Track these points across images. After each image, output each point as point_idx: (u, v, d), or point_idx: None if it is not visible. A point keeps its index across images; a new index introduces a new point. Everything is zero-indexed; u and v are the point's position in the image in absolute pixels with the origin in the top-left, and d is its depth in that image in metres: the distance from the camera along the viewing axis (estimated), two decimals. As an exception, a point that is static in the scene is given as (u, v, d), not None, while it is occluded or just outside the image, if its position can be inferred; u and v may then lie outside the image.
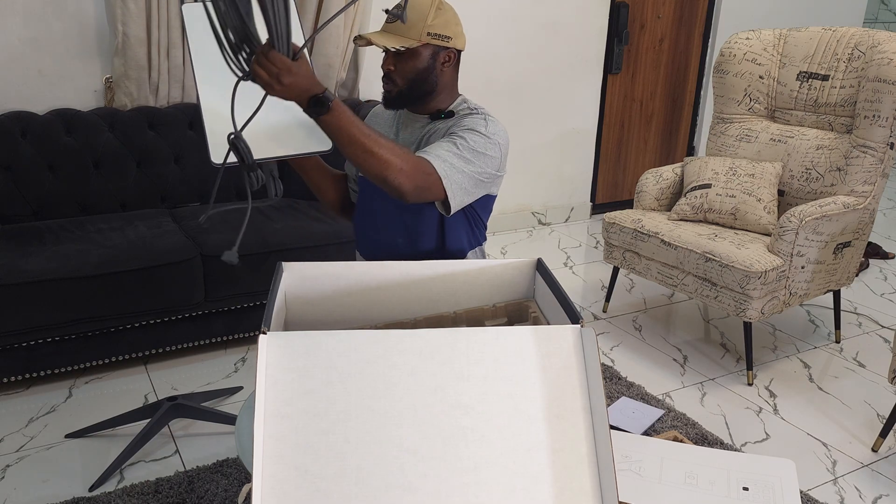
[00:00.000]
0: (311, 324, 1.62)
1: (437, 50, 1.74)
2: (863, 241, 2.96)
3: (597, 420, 1.20)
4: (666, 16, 4.61)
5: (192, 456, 2.26)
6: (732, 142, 3.23)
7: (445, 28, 1.73)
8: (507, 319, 1.67)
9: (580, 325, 1.28)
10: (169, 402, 2.33)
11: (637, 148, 4.86)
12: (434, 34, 1.72)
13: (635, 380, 2.80)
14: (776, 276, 2.66)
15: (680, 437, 2.21)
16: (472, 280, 1.63)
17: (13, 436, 2.35)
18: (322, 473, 1.13)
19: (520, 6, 4.06)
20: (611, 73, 4.53)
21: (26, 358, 2.52)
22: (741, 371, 2.89)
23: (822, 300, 3.58)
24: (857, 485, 2.25)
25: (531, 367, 1.23)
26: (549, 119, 4.41)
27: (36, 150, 2.88)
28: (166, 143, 3.11)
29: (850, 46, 2.94)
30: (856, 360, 3.00)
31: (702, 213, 3.02)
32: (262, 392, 1.17)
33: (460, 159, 1.68)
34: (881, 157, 2.81)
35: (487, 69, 4.08)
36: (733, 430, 2.50)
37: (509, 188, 4.41)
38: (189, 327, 2.75)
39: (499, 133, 1.75)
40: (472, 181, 1.72)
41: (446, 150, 1.68)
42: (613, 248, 3.16)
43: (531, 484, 1.16)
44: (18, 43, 2.96)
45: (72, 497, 2.07)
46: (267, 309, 1.31)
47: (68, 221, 2.84)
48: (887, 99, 2.75)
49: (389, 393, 1.19)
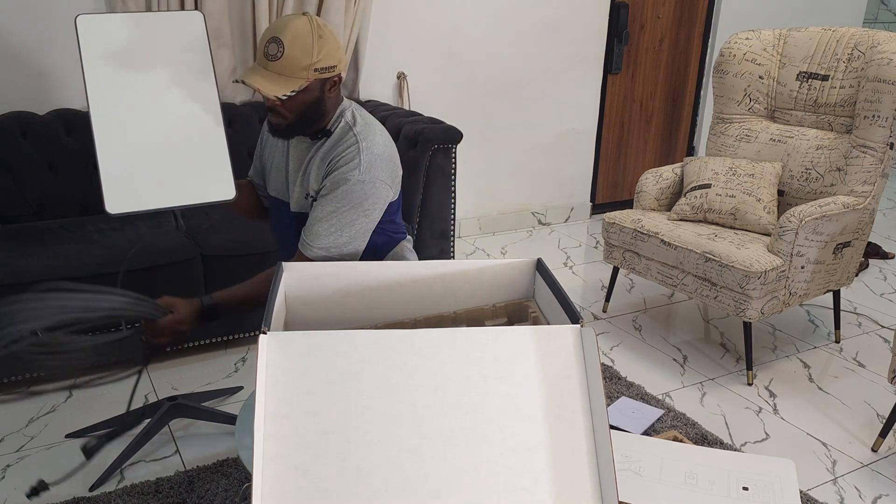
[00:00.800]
0: (311, 324, 1.62)
1: (324, 81, 1.71)
2: (862, 241, 2.96)
3: (597, 420, 1.20)
4: (666, 16, 4.61)
5: (192, 456, 2.26)
6: (732, 142, 3.23)
7: (330, 58, 1.69)
8: (507, 319, 1.67)
9: (580, 325, 1.28)
10: (169, 402, 2.33)
11: (637, 148, 4.86)
12: (321, 69, 1.67)
13: (635, 380, 2.80)
14: (776, 276, 2.66)
15: (680, 437, 2.21)
16: (472, 280, 1.63)
17: (13, 436, 2.35)
18: (322, 473, 1.13)
19: (520, 6, 4.06)
20: (611, 73, 4.54)
21: (27, 358, 2.52)
22: (741, 371, 2.89)
23: (822, 300, 3.58)
24: (857, 485, 2.25)
25: (531, 367, 1.24)
26: (549, 119, 4.41)
27: (36, 150, 2.88)
28: (166, 143, 3.11)
29: (850, 46, 2.94)
30: (856, 360, 3.01)
31: (702, 213, 3.02)
32: (262, 392, 1.17)
33: (344, 230, 1.73)
34: (881, 157, 2.81)
35: (487, 69, 4.08)
36: (733, 430, 2.50)
37: (509, 188, 4.41)
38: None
39: (375, 163, 1.73)
40: (366, 225, 1.77)
41: (326, 233, 1.73)
42: (613, 248, 3.16)
43: (531, 484, 1.16)
44: (18, 43, 2.96)
45: (72, 497, 2.07)
46: (267, 309, 1.31)
47: (68, 221, 2.84)
48: (887, 99, 2.75)
49: (389, 393, 1.19)
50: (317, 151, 1.79)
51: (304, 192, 1.81)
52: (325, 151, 1.77)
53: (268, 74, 1.65)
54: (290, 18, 1.66)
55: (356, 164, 1.72)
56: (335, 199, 1.72)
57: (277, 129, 1.75)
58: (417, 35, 3.82)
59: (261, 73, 1.65)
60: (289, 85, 1.65)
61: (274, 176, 1.91)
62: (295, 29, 1.63)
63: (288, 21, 1.65)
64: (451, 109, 4.05)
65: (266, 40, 1.64)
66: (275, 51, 1.62)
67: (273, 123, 1.75)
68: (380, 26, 3.70)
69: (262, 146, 1.98)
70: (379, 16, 3.68)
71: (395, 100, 3.86)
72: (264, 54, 1.65)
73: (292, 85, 1.65)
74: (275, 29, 1.64)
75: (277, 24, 1.65)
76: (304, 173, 1.80)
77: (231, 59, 3.27)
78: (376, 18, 3.67)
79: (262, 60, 1.66)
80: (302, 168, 1.81)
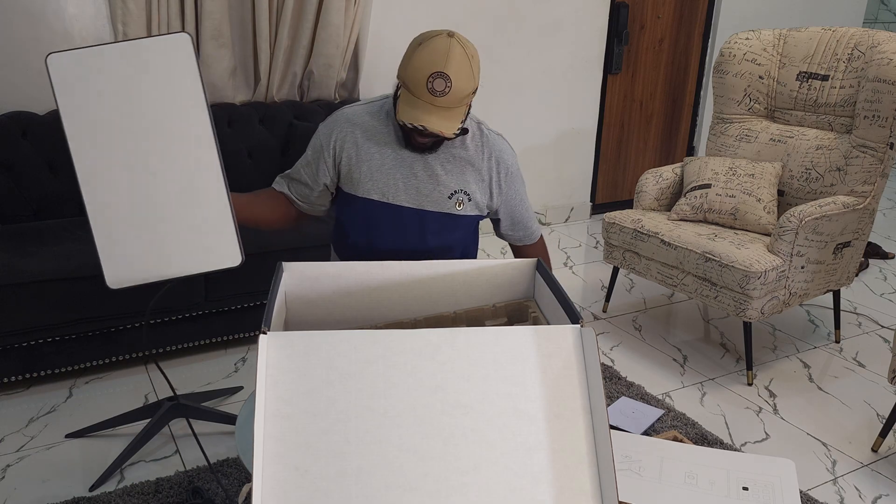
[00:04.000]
0: (311, 324, 1.62)
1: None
2: (862, 241, 2.96)
3: (597, 420, 1.20)
4: (666, 16, 4.61)
5: (192, 456, 2.26)
6: (732, 142, 3.23)
7: (478, 79, 1.71)
8: (507, 319, 1.67)
9: (580, 325, 1.28)
10: (169, 401, 2.33)
11: (637, 148, 4.86)
12: (473, 91, 1.69)
13: (635, 380, 2.80)
14: (776, 276, 2.66)
15: (680, 437, 2.21)
16: (472, 280, 1.63)
17: (13, 436, 2.35)
18: (322, 473, 1.13)
19: (520, 6, 4.06)
20: (611, 73, 4.54)
21: (26, 358, 2.52)
22: (741, 371, 2.89)
23: (822, 300, 3.58)
24: (857, 485, 2.25)
25: (531, 367, 1.24)
26: (549, 119, 4.41)
27: (36, 150, 2.88)
28: (166, 143, 3.11)
29: (850, 46, 2.94)
30: (856, 360, 3.01)
31: (702, 213, 3.02)
32: (262, 392, 1.17)
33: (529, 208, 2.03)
34: (881, 157, 2.81)
35: (487, 69, 4.08)
36: (733, 430, 2.50)
37: (509, 188, 4.41)
38: (189, 327, 2.75)
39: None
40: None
41: (532, 215, 2.05)
42: (613, 248, 3.16)
43: (531, 484, 1.16)
44: (18, 43, 2.96)
45: (72, 497, 2.07)
46: (267, 309, 1.31)
47: (68, 221, 2.84)
48: (887, 99, 2.75)
49: (389, 393, 1.19)
50: (460, 151, 1.85)
51: (450, 190, 1.85)
52: (473, 151, 1.86)
53: (439, 112, 1.64)
54: (445, 46, 1.63)
55: (512, 153, 1.92)
56: (518, 184, 1.94)
57: (424, 147, 1.79)
58: (417, 35, 3.82)
59: (432, 112, 1.64)
60: (458, 116, 1.67)
61: (384, 182, 1.84)
62: (456, 61, 1.62)
63: (446, 51, 1.62)
64: (451, 109, 4.04)
65: (428, 75, 1.61)
66: (442, 87, 1.61)
67: (421, 143, 1.77)
68: (380, 26, 3.70)
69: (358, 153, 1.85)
70: (379, 16, 3.68)
71: (395, 100, 3.86)
72: (430, 90, 1.62)
73: (461, 115, 1.68)
74: (436, 62, 1.61)
75: (436, 55, 1.62)
76: (451, 174, 1.85)
77: (231, 59, 3.27)
78: (376, 18, 3.67)
79: (427, 97, 1.63)
80: (445, 170, 1.84)
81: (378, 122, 1.85)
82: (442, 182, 1.84)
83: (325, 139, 1.87)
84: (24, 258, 2.46)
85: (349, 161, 1.85)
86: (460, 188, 1.85)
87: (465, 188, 1.86)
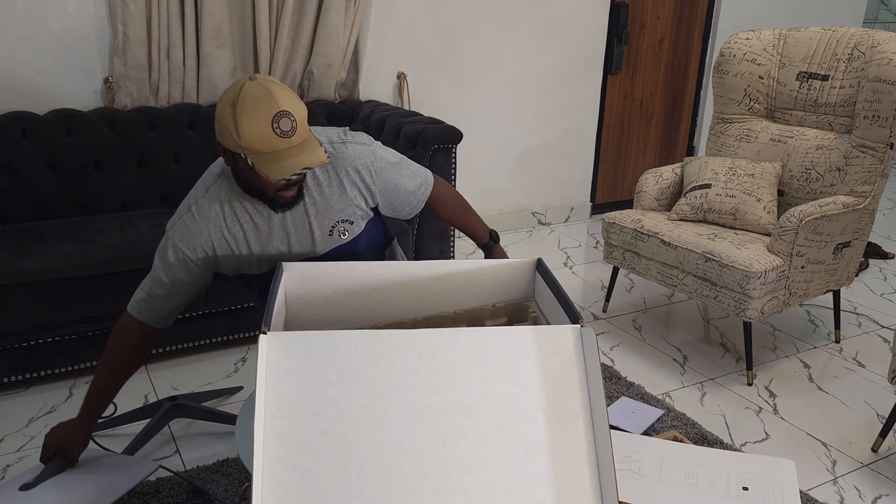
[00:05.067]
0: (311, 324, 1.62)
1: None
2: (862, 241, 2.96)
3: (597, 420, 1.20)
4: (666, 16, 4.61)
5: (192, 456, 2.26)
6: (732, 142, 3.23)
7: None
8: (507, 319, 1.67)
9: (580, 325, 1.28)
10: (169, 401, 2.33)
11: (637, 148, 4.86)
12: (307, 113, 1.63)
13: (635, 380, 2.80)
14: (776, 275, 2.66)
15: (680, 437, 2.21)
16: (472, 280, 1.63)
17: (13, 436, 2.35)
18: (322, 473, 1.13)
19: (520, 6, 4.06)
20: (611, 73, 4.53)
21: (26, 358, 2.52)
22: (741, 371, 2.89)
23: (822, 300, 3.58)
24: (857, 485, 2.25)
25: (531, 367, 1.23)
26: (549, 119, 4.41)
27: (36, 150, 2.88)
28: (166, 143, 3.11)
29: (850, 46, 2.94)
30: (856, 360, 3.01)
31: (702, 213, 3.02)
32: (262, 392, 1.17)
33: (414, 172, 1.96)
34: (881, 157, 2.81)
35: (487, 69, 4.08)
36: (733, 430, 2.50)
37: (509, 188, 4.42)
38: (189, 327, 2.75)
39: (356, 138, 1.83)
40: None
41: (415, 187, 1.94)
42: (613, 248, 3.16)
43: (531, 484, 1.16)
44: (18, 43, 2.96)
45: (72, 497, 2.07)
46: (267, 309, 1.31)
47: (68, 221, 2.84)
48: (887, 99, 2.75)
49: (389, 393, 1.19)
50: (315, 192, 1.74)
51: (328, 229, 1.76)
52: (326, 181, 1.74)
53: (301, 148, 1.55)
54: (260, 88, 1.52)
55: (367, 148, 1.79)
56: (388, 172, 1.83)
57: (293, 200, 1.67)
58: (417, 35, 3.82)
59: (299, 152, 1.54)
60: (315, 140, 1.59)
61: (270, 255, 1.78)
62: (280, 94, 1.52)
63: (266, 92, 1.51)
64: (450, 109, 4.05)
65: (271, 123, 1.50)
66: (289, 125, 1.52)
67: (288, 196, 1.65)
68: (380, 26, 3.70)
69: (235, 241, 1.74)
70: (379, 16, 3.68)
71: (396, 100, 3.86)
72: (281, 135, 1.51)
73: (314, 138, 1.60)
74: (267, 107, 1.50)
75: (260, 102, 1.51)
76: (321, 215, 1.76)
77: (231, 59, 3.27)
78: (376, 18, 3.67)
79: (283, 143, 1.52)
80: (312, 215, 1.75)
81: (229, 209, 1.71)
82: (316, 227, 1.75)
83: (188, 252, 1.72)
84: (24, 258, 2.46)
85: (226, 253, 1.74)
86: (336, 220, 1.77)
87: (340, 217, 1.77)
